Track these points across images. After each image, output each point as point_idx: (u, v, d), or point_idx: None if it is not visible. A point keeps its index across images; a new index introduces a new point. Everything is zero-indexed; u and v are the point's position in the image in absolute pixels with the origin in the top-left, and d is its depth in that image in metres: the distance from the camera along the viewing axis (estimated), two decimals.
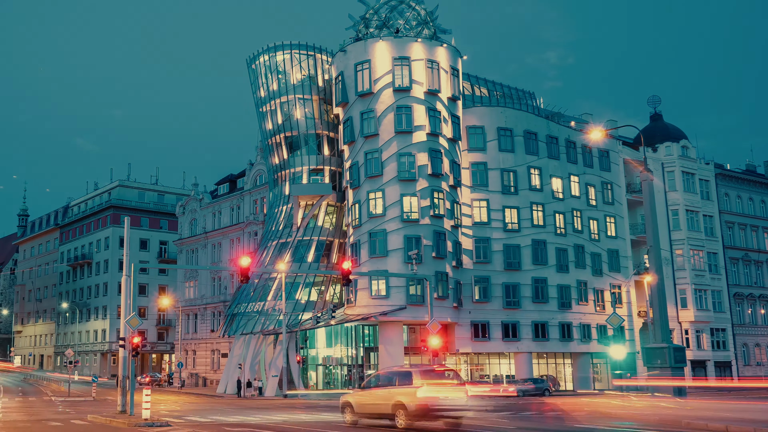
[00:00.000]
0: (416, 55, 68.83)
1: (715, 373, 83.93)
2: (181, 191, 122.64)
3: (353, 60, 70.09)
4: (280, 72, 76.31)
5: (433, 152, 67.61)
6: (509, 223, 72.57)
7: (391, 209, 66.62)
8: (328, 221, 74.88)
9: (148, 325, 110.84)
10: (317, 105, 75.84)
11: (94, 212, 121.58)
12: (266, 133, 78.24)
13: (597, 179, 79.57)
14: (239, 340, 73.75)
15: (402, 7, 71.16)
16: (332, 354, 75.01)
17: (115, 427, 33.29)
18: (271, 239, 75.17)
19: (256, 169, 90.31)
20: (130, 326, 37.71)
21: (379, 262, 65.93)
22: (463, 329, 70.06)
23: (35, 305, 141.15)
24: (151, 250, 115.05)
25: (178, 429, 31.28)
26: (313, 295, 72.48)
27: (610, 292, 77.58)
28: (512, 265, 71.94)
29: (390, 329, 66.71)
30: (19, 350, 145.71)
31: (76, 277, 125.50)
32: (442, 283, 66.25)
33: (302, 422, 34.49)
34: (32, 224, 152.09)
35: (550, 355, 74.98)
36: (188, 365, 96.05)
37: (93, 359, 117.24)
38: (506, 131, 74.14)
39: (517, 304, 71.59)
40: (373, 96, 68.60)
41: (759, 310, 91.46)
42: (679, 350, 39.25)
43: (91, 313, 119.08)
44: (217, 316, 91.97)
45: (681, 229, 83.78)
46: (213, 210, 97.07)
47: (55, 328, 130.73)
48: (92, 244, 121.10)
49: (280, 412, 43.30)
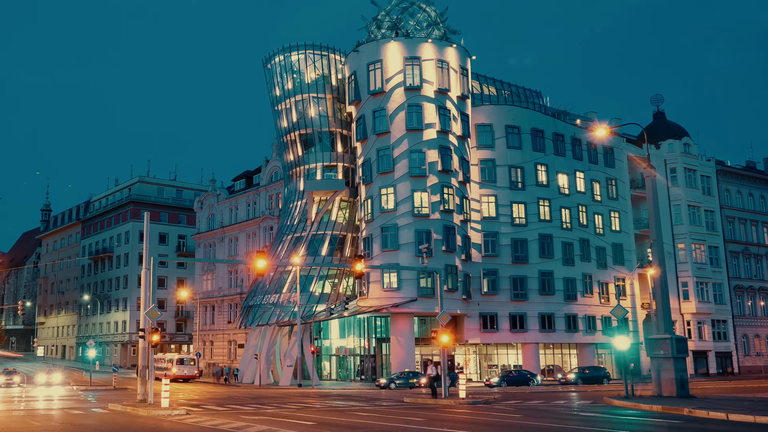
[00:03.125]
0: (427, 55, 68.94)
1: (716, 363, 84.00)
2: (199, 187, 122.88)
3: (366, 60, 70.23)
4: (295, 71, 76.49)
5: (443, 149, 67.74)
6: (517, 218, 72.74)
7: (402, 204, 66.80)
8: (341, 216, 75.08)
9: (167, 316, 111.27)
10: (331, 103, 76.01)
11: (115, 207, 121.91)
12: (281, 130, 78.47)
13: (602, 175, 79.60)
14: (255, 331, 74.03)
15: (413, 9, 71.25)
16: (345, 345, 75.27)
17: (135, 415, 33.39)
18: (286, 233, 75.41)
19: (272, 165, 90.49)
20: (150, 318, 37.84)
21: (391, 256, 66.12)
22: (472, 320, 70.24)
23: (57, 297, 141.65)
24: (170, 244, 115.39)
25: (196, 416, 31.50)
26: (327, 288, 72.79)
27: (614, 285, 77.70)
28: (520, 259, 72.10)
29: (401, 321, 66.90)
30: (42, 341, 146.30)
31: (97, 270, 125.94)
32: (452, 275, 66.39)
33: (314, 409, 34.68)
34: (55, 219, 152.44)
35: (556, 346, 75.12)
36: (206, 355, 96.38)
37: (113, 350, 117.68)
38: (514, 129, 74.24)
39: (525, 296, 71.75)
40: (385, 95, 68.74)
41: (758, 302, 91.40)
42: (681, 341, 39.33)
43: (112, 305, 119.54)
44: (234, 308, 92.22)
45: (683, 223, 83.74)
46: (230, 205, 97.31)
47: (77, 320, 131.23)
48: (113, 238, 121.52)
49: (293, 400, 43.50)
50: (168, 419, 30.68)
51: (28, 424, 28.77)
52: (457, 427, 26.00)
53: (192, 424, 28.14)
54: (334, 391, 56.55)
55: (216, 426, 26.78)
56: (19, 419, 30.97)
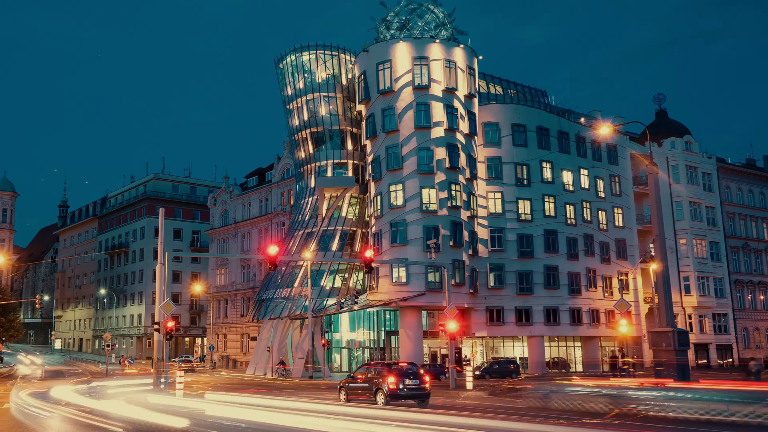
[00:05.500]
0: (435, 55, 69.02)
1: (717, 356, 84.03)
2: (213, 184, 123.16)
3: (375, 60, 70.33)
4: (306, 71, 76.68)
5: (450, 147, 67.81)
6: (522, 214, 72.80)
7: (410, 201, 66.92)
8: (351, 212, 75.28)
9: (182, 310, 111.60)
10: (341, 102, 76.20)
11: (131, 203, 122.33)
12: (293, 128, 78.70)
13: (605, 172, 79.61)
14: (267, 324, 74.30)
15: (421, 10, 71.27)
16: (355, 337, 75.46)
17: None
18: (297, 229, 75.66)
19: (284, 162, 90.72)
20: (165, 311, 38.13)
21: (400, 251, 66.28)
22: (479, 314, 70.38)
23: (75, 291, 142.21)
24: (184, 239, 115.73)
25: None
26: (338, 282, 73.03)
27: (617, 279, 77.72)
28: (525, 254, 72.19)
29: (410, 314, 67.06)
30: (60, 334, 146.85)
31: (113, 264, 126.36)
32: (459, 270, 66.49)
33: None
34: (72, 215, 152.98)
35: (561, 339, 75.18)
36: (219, 348, 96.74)
37: (129, 342, 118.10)
38: (520, 127, 74.29)
39: (530, 290, 71.86)
40: (393, 94, 68.85)
41: (758, 296, 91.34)
42: (682, 334, 39.35)
43: (128, 299, 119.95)
44: (247, 302, 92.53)
45: (684, 219, 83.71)
46: (243, 201, 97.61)
47: (94, 313, 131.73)
48: (128, 234, 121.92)
49: (305, 391, 43.71)
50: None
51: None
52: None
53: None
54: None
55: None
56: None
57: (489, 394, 39.44)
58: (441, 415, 26.07)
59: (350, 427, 22.32)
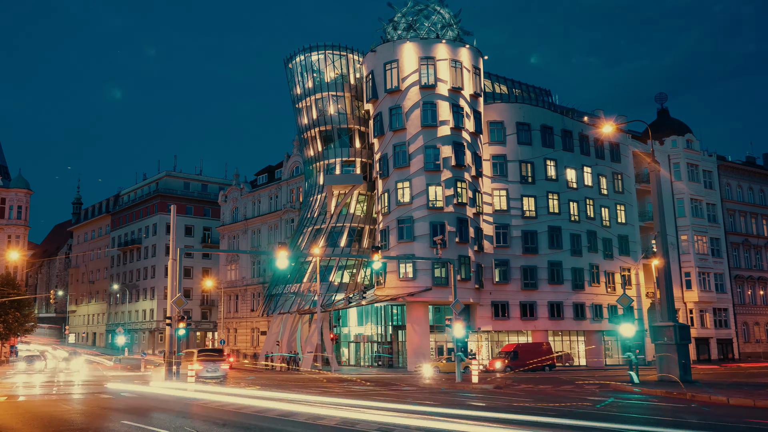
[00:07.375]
0: (441, 55, 69.17)
1: (717, 350, 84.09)
2: (224, 181, 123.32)
3: (382, 59, 70.48)
4: (315, 71, 76.89)
5: (456, 145, 67.97)
6: (527, 211, 72.94)
7: (417, 198, 67.10)
8: (359, 209, 75.50)
9: (193, 305, 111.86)
10: (349, 101, 76.40)
11: (143, 200, 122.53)
12: (302, 127, 78.94)
13: (608, 170, 79.68)
14: (277, 318, 74.60)
15: (428, 11, 71.40)
16: (363, 332, 75.73)
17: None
18: (306, 226, 75.90)
19: (293, 160, 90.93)
20: (176, 306, 38.38)
21: (407, 247, 66.46)
22: (485, 309, 70.58)
23: (88, 287, 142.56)
24: (196, 235, 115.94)
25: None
26: (346, 277, 73.27)
27: (620, 275, 77.77)
28: (530, 250, 72.33)
29: (417, 309, 67.28)
30: (74, 328, 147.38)
31: (126, 260, 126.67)
32: (465, 266, 66.71)
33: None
34: (85, 212, 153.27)
35: (565, 333, 75.25)
36: (230, 342, 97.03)
37: (141, 336, 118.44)
38: (524, 126, 74.39)
39: (535, 285, 71.99)
40: (401, 93, 69.01)
41: (758, 291, 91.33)
42: (684, 328, 39.55)
43: (140, 294, 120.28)
44: (257, 297, 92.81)
45: (686, 216, 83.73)
46: (253, 198, 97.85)
47: (107, 308, 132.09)
48: (141, 230, 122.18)
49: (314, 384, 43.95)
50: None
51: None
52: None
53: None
54: (352, 376, 56.94)
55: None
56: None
57: (494, 387, 39.59)
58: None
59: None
